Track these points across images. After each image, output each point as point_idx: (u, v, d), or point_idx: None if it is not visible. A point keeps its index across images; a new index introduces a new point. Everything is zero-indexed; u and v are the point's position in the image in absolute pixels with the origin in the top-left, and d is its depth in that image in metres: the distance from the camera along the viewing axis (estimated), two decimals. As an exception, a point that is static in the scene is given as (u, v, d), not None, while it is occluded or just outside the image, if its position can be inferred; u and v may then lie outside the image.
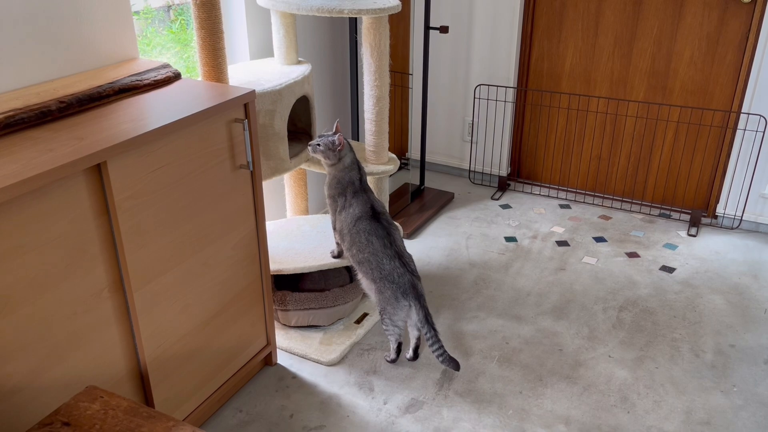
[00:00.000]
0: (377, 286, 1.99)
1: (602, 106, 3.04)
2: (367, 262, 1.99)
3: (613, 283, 2.52)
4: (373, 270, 1.99)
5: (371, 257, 1.98)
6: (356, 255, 2.02)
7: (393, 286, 1.96)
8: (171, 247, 1.57)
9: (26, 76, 1.59)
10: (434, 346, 1.96)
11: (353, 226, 2.00)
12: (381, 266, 1.97)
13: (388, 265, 1.96)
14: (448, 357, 1.97)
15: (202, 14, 1.76)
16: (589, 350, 2.16)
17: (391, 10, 2.02)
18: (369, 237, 1.98)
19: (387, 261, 1.96)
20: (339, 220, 2.05)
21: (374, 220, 2.00)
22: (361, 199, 2.02)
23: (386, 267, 1.96)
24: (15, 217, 1.21)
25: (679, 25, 2.77)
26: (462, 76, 3.23)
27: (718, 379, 2.03)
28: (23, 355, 1.28)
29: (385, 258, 1.96)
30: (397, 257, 1.97)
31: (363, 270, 2.02)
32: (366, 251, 1.99)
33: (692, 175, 2.99)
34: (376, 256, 1.97)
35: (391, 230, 2.01)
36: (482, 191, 3.30)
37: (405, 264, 1.97)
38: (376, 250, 1.97)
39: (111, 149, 1.33)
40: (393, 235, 2.00)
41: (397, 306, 1.97)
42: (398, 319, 2.00)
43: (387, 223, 2.02)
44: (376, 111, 2.17)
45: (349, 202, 2.02)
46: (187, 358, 1.71)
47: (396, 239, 2.01)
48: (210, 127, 1.61)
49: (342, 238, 2.06)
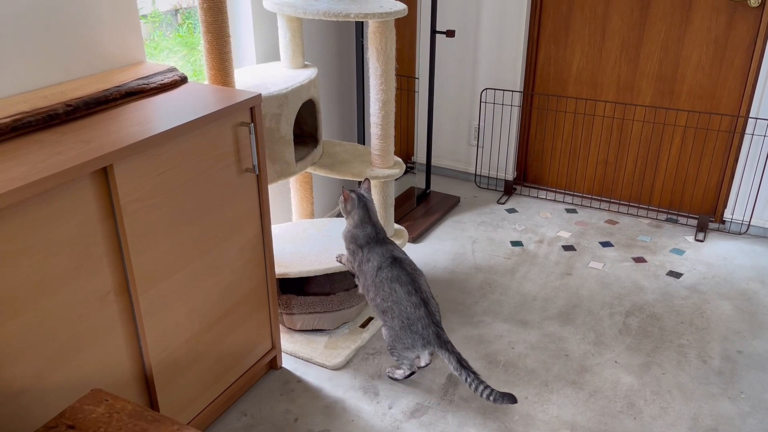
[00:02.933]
0: (398, 333, 1.91)
1: (609, 111, 3.04)
2: (390, 311, 1.90)
3: (620, 288, 2.51)
4: (394, 318, 1.90)
5: (394, 306, 1.89)
6: (380, 305, 1.93)
7: (415, 336, 1.88)
8: (176, 250, 1.57)
9: (34, 79, 1.60)
10: (479, 389, 1.83)
11: (375, 276, 1.92)
12: (404, 314, 1.88)
13: (414, 314, 1.87)
14: (500, 394, 1.83)
15: (209, 18, 1.77)
16: (595, 356, 2.15)
17: (398, 14, 2.02)
18: (392, 284, 1.90)
19: (412, 309, 1.87)
20: (361, 274, 1.98)
21: (396, 266, 1.91)
22: (380, 251, 1.94)
23: (412, 316, 1.87)
24: (22, 220, 1.21)
25: (687, 29, 2.76)
26: (468, 80, 3.23)
27: (725, 386, 2.02)
28: (29, 358, 1.28)
29: (409, 306, 1.87)
30: (423, 305, 1.88)
31: (386, 319, 1.93)
32: (389, 300, 1.90)
33: (700, 179, 2.97)
34: (400, 304, 1.89)
35: (416, 276, 1.92)
36: (488, 195, 3.29)
37: (430, 314, 1.88)
38: (400, 298, 1.88)
39: (118, 152, 1.34)
40: (418, 281, 1.91)
41: (414, 351, 1.91)
42: (410, 353, 1.94)
43: (411, 269, 1.93)
44: (381, 115, 2.17)
45: (366, 257, 1.95)
46: (192, 362, 1.71)
47: (421, 285, 1.91)
48: (216, 130, 1.61)
49: (366, 291, 1.98)
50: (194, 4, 2.29)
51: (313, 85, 2.16)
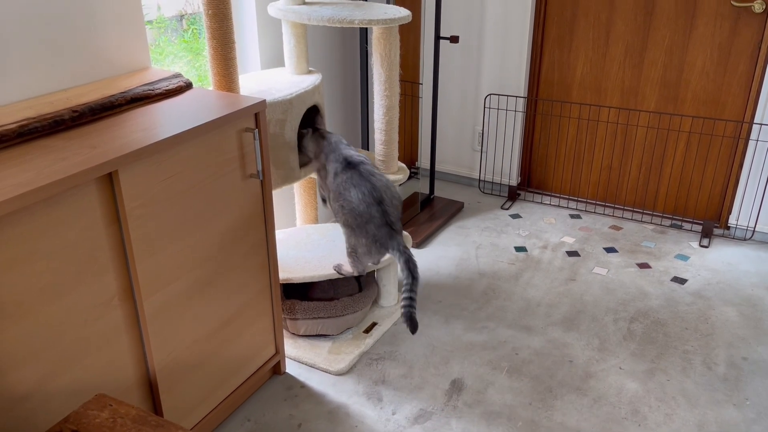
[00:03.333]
0: (356, 236, 1.88)
1: (613, 116, 3.03)
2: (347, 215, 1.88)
3: (624, 294, 2.51)
4: (353, 222, 1.88)
5: (349, 209, 1.87)
6: (339, 213, 1.90)
7: (370, 238, 1.84)
8: (181, 256, 1.57)
9: (40, 85, 1.61)
10: (404, 294, 1.84)
11: (333, 184, 1.90)
12: (358, 218, 1.84)
13: (366, 213, 1.83)
14: (409, 315, 1.83)
15: (214, 24, 1.78)
16: (599, 362, 2.14)
17: (402, 21, 2.03)
18: (346, 187, 1.86)
19: (364, 208, 1.82)
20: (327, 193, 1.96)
21: (350, 169, 1.88)
22: (333, 157, 1.93)
23: (364, 215, 1.83)
24: (27, 225, 1.22)
25: (691, 35, 2.76)
26: (472, 86, 3.23)
27: (730, 392, 2.01)
28: (34, 362, 1.29)
29: (362, 206, 1.83)
30: (376, 204, 1.82)
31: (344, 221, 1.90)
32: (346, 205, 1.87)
33: (704, 185, 2.96)
34: (353, 206, 1.85)
35: (371, 177, 1.88)
36: (492, 201, 3.29)
37: (384, 213, 1.82)
38: (353, 198, 1.85)
39: (123, 158, 1.34)
40: (371, 181, 1.87)
41: (371, 256, 1.87)
42: (367, 261, 1.92)
43: (367, 171, 1.90)
44: (386, 120, 2.18)
45: (325, 171, 1.92)
46: (196, 367, 1.71)
47: (376, 185, 1.86)
48: (221, 136, 1.62)
49: (334, 211, 1.94)
50: (199, 9, 2.30)
51: (317, 91, 2.16)
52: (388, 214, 1.86)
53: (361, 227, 1.87)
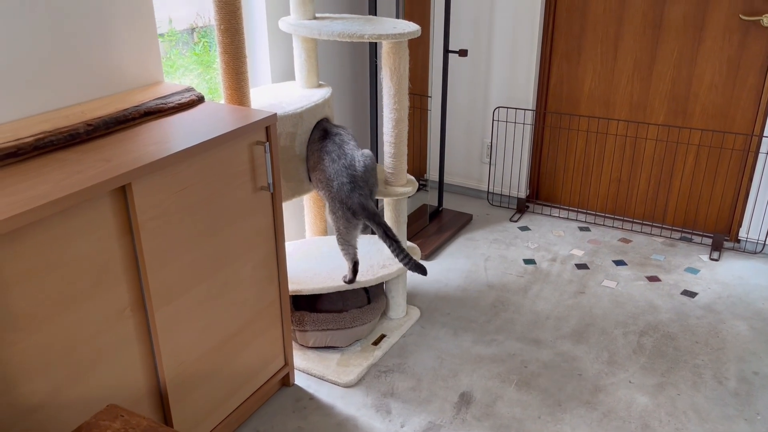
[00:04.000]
0: (330, 206, 1.94)
1: (621, 129, 3.04)
2: (320, 182, 1.92)
3: (634, 308, 2.50)
4: (325, 191, 1.93)
5: (322, 176, 1.91)
6: (315, 181, 1.97)
7: (342, 206, 1.88)
8: (192, 267, 1.59)
9: (55, 99, 1.64)
10: (399, 256, 1.96)
11: (309, 153, 1.98)
12: (330, 186, 1.89)
13: (336, 182, 1.88)
14: (415, 263, 1.96)
15: (226, 39, 1.80)
16: (609, 375, 2.13)
17: (411, 35, 2.05)
18: (321, 156, 1.92)
19: (333, 173, 1.87)
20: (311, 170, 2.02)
21: (324, 139, 1.94)
22: (316, 132, 2.00)
23: (334, 185, 1.88)
24: (42, 237, 1.24)
25: (699, 48, 2.77)
26: (481, 99, 3.25)
27: (741, 407, 2.00)
28: (47, 373, 1.30)
29: (332, 172, 1.87)
30: (345, 171, 1.86)
31: (321, 193, 1.96)
32: (320, 173, 1.92)
33: (714, 198, 2.96)
34: (326, 173, 1.90)
35: (344, 146, 1.92)
36: (501, 213, 3.29)
37: (353, 179, 1.85)
38: (325, 167, 1.89)
39: (136, 171, 1.36)
40: (344, 148, 1.90)
41: (348, 226, 1.92)
42: (351, 237, 1.97)
43: (340, 139, 1.94)
44: (395, 133, 2.19)
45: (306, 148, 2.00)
46: (206, 378, 1.72)
47: (346, 151, 1.90)
48: (232, 149, 1.64)
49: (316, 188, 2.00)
50: (210, 22, 2.33)
51: (327, 105, 2.18)
52: (357, 180, 1.90)
53: (334, 197, 1.92)
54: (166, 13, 2.17)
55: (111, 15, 1.72)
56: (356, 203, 1.87)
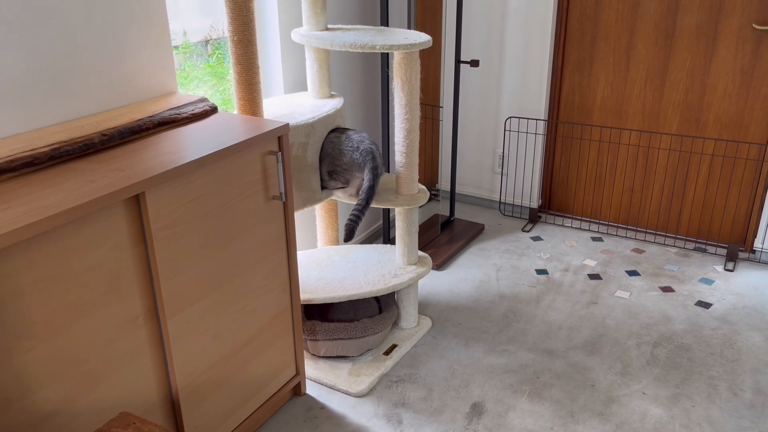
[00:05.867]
0: (353, 181, 2.12)
1: (634, 139, 3.03)
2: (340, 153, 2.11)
3: (647, 318, 2.48)
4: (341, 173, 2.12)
5: (347, 144, 2.10)
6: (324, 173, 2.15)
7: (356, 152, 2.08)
8: (204, 276, 1.60)
9: (72, 110, 1.66)
10: (354, 211, 2.07)
11: (322, 150, 2.13)
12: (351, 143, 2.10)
13: (348, 157, 2.09)
14: (352, 227, 2.07)
15: (240, 50, 1.82)
16: (622, 386, 2.11)
17: (422, 46, 2.06)
18: (339, 137, 2.12)
19: (348, 153, 2.09)
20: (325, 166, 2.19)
21: (335, 131, 2.15)
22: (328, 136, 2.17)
23: (346, 159, 2.09)
24: (57, 245, 1.25)
25: (713, 58, 2.75)
26: (492, 109, 3.25)
27: (757, 419, 1.97)
28: (60, 381, 1.31)
29: (357, 141, 2.10)
30: (356, 150, 2.08)
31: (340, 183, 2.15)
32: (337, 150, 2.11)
33: (728, 208, 2.93)
34: (351, 140, 2.10)
35: (348, 131, 2.15)
36: (513, 223, 3.29)
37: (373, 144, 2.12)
38: (349, 135, 2.12)
39: (149, 180, 1.38)
40: (347, 132, 2.13)
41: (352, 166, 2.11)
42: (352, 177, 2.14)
43: (345, 130, 2.16)
44: (406, 143, 2.20)
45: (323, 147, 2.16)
46: (218, 386, 1.72)
47: (351, 136, 2.11)
48: (245, 159, 1.65)
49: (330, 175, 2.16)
50: (224, 35, 2.36)
51: (339, 115, 2.20)
52: (374, 148, 2.13)
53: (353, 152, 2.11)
54: (180, 25, 2.20)
55: (126, 27, 1.75)
56: (368, 148, 2.09)
